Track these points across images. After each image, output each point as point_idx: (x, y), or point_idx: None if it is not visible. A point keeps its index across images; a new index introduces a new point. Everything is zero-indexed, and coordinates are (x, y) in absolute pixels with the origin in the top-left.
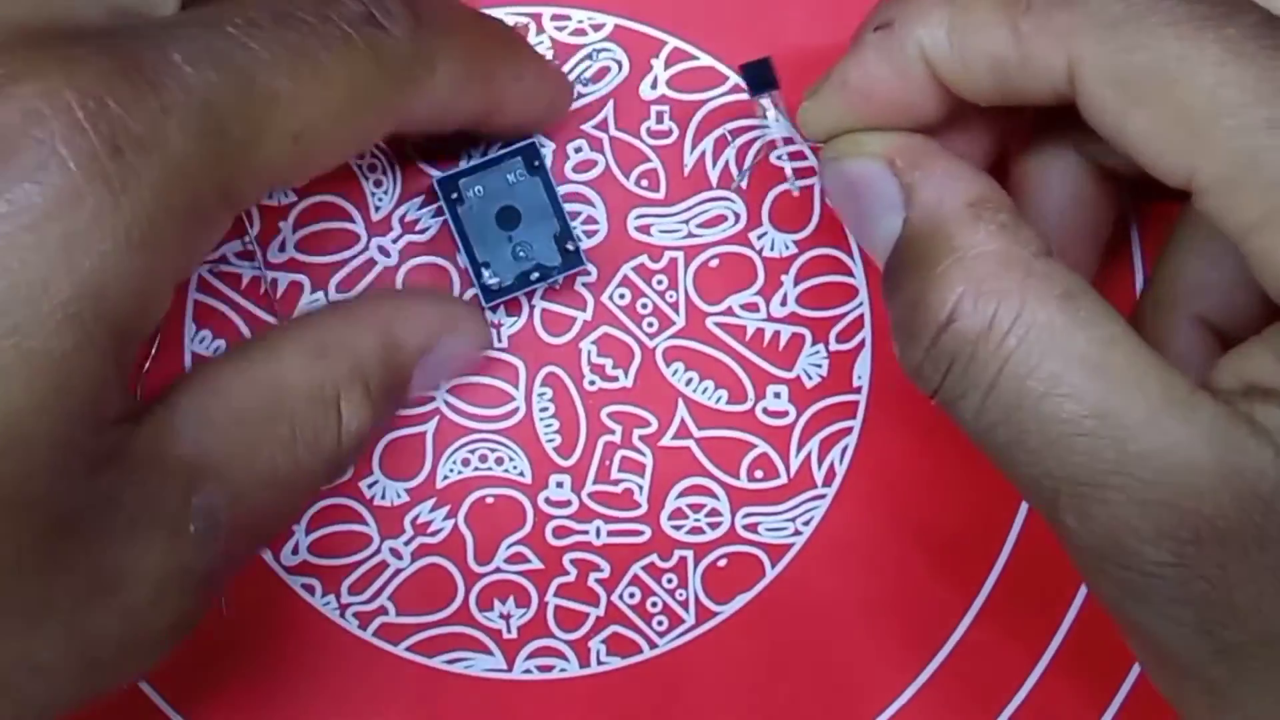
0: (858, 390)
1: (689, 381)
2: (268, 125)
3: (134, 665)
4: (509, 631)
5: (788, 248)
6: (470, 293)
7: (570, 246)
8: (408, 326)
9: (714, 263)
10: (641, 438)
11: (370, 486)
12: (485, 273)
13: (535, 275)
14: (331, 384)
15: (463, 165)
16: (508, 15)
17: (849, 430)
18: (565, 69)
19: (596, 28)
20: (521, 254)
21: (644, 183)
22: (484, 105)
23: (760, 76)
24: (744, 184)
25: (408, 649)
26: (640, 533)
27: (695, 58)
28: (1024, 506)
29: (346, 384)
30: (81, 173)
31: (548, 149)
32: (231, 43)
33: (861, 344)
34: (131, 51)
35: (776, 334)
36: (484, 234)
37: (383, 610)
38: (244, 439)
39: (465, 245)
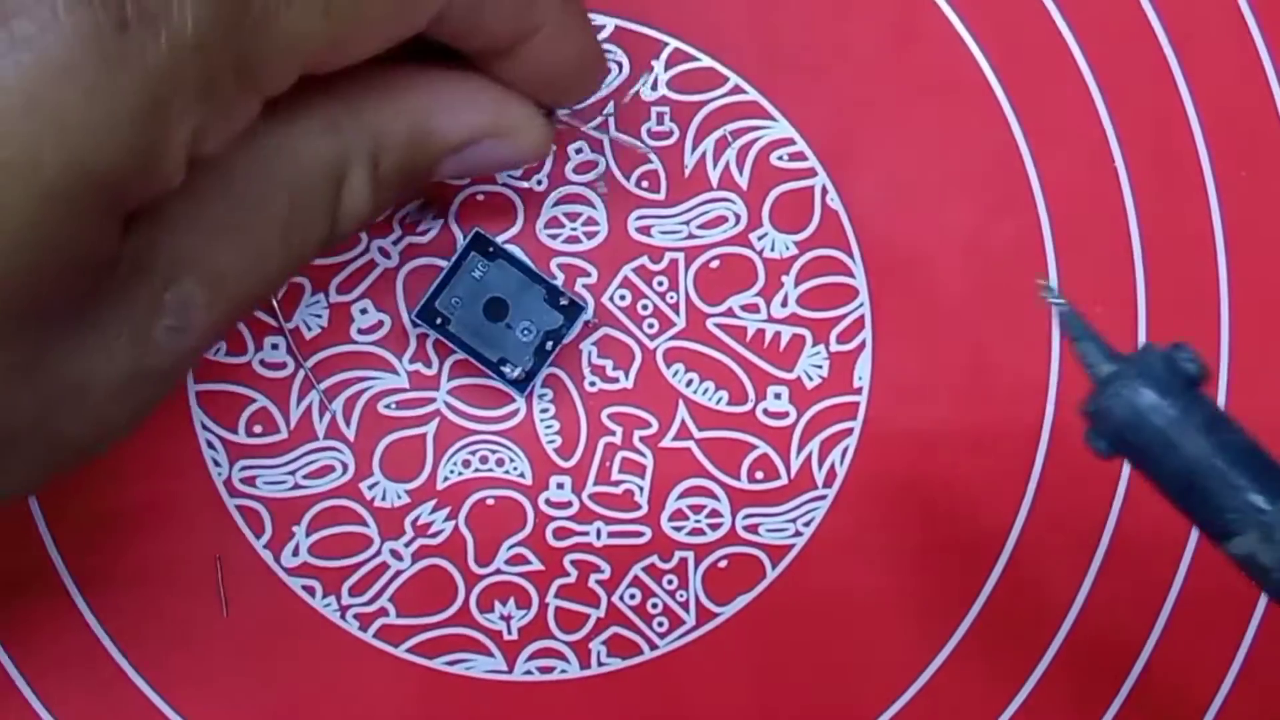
0: (858, 391)
1: (689, 382)
2: None
3: (89, 456)
4: (509, 633)
5: (788, 249)
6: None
7: (564, 301)
8: (448, 118)
9: (714, 264)
10: (642, 439)
11: (370, 488)
12: (505, 369)
13: (550, 345)
14: (341, 160)
15: (429, 290)
16: None
17: (849, 431)
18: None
19: (597, 29)
20: (526, 333)
21: (644, 184)
22: (517, 20)
23: None
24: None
25: (408, 650)
26: (641, 534)
27: (696, 59)
28: (1025, 507)
29: (356, 163)
30: (80, 46)
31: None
32: None
33: (862, 345)
34: None
35: (777, 335)
36: (483, 335)
37: (383, 612)
38: (235, 219)
39: (474, 354)
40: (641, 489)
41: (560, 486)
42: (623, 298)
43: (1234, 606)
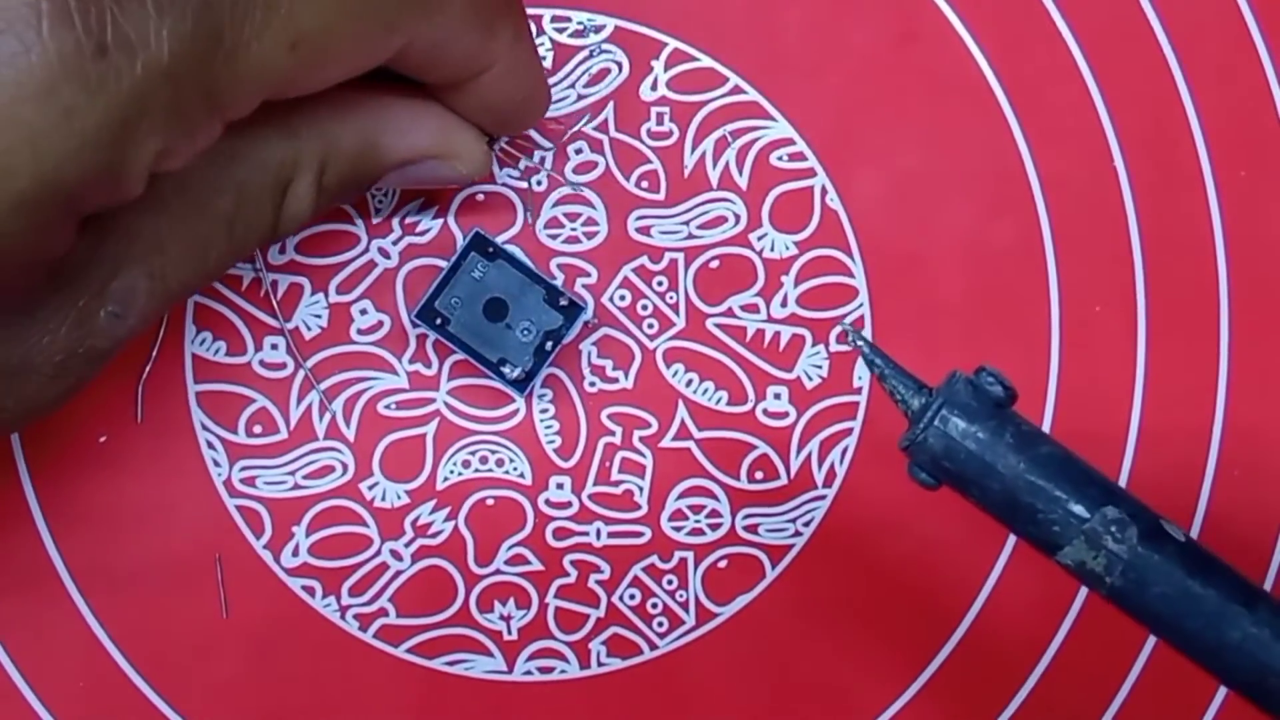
0: (858, 391)
1: (689, 383)
2: (264, 31)
3: (19, 427)
4: (509, 633)
5: (788, 249)
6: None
7: (564, 301)
8: (395, 137)
9: (714, 264)
10: (642, 439)
11: (370, 488)
12: (505, 369)
13: (549, 345)
14: (290, 165)
15: (428, 291)
16: None
17: (849, 431)
18: (563, 72)
19: (597, 29)
20: (526, 333)
21: (644, 184)
22: (472, 59)
23: None
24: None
25: (408, 651)
26: (640, 534)
27: (695, 59)
28: None
29: (304, 169)
30: (61, 68)
31: (547, 151)
32: None
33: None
34: None
35: (777, 335)
36: (483, 335)
37: (383, 612)
38: (184, 214)
39: (474, 355)
40: (641, 489)
41: (560, 487)
42: (622, 298)
43: None
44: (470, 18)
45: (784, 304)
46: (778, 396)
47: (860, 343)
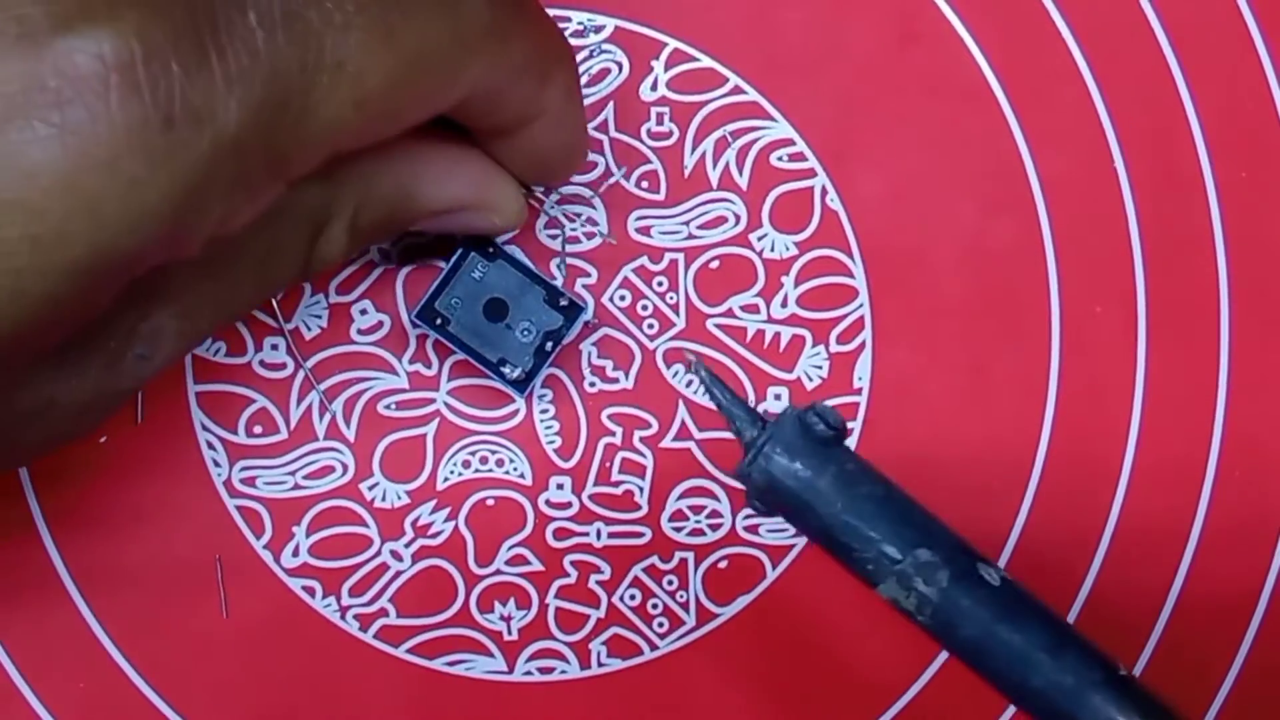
0: (858, 392)
1: (689, 383)
2: (331, 94)
3: (38, 458)
4: (509, 633)
5: (788, 249)
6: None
7: (564, 301)
8: (433, 187)
9: (714, 264)
10: (642, 439)
11: (371, 488)
12: (505, 369)
13: (550, 345)
14: (325, 210)
15: (428, 291)
16: None
17: (849, 432)
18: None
19: (597, 30)
20: (526, 333)
21: (644, 184)
22: (526, 107)
23: None
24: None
25: (408, 651)
26: (641, 534)
27: (695, 59)
28: (1025, 506)
29: (338, 214)
30: (126, 140)
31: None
32: (305, 3)
33: (862, 345)
34: (206, 7)
35: (777, 335)
36: (483, 336)
37: (383, 612)
38: (216, 258)
39: (474, 355)
40: (641, 489)
41: (560, 487)
42: (623, 298)
43: (1239, 599)
44: (530, 66)
45: (784, 304)
46: (778, 397)
47: (702, 373)
